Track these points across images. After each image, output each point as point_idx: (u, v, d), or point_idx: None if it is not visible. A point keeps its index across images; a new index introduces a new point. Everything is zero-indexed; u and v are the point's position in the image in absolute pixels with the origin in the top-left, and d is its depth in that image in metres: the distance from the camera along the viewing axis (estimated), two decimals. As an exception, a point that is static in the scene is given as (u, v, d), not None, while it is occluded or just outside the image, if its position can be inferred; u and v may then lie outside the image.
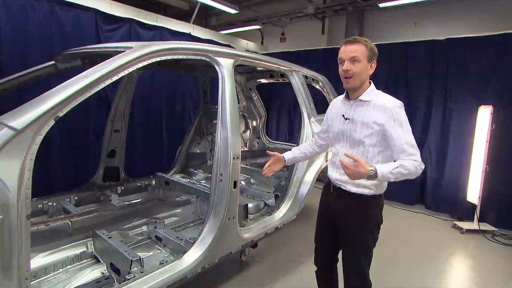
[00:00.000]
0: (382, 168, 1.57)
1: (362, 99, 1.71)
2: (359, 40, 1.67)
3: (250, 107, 4.76)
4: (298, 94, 3.23)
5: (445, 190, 4.57)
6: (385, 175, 1.56)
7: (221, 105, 2.23)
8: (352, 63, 1.66)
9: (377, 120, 1.65)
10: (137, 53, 1.79)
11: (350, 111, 1.76)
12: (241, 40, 7.51)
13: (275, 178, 3.82)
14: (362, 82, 1.70)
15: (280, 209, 2.98)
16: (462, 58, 4.37)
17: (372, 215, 1.76)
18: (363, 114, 1.70)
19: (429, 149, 4.72)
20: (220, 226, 2.19)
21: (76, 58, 2.67)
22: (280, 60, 3.27)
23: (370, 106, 1.69)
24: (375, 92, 1.74)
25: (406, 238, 3.78)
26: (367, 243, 1.79)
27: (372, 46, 1.67)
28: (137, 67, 1.79)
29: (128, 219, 2.81)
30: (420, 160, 1.60)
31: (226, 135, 2.19)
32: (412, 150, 1.61)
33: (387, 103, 1.66)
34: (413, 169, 1.58)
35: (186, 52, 2.11)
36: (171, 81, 4.80)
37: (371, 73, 1.70)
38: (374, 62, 1.69)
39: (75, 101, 1.52)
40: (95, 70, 1.61)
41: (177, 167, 4.04)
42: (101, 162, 3.31)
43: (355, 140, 1.73)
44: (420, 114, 4.79)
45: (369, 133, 1.67)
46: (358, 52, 1.65)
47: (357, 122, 1.71)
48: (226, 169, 2.17)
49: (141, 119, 4.45)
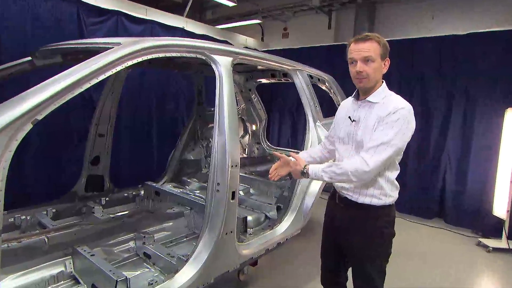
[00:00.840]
0: (315, 166, 1.73)
1: (370, 100, 1.74)
2: (371, 37, 1.67)
3: (249, 110, 4.78)
4: (303, 96, 3.25)
5: (467, 203, 4.54)
6: (317, 173, 1.70)
7: (218, 108, 2.25)
8: (365, 63, 1.67)
9: (376, 122, 1.67)
10: (127, 50, 1.80)
11: (357, 112, 1.79)
12: (240, 35, 7.57)
13: (277, 188, 3.82)
14: (376, 82, 1.73)
15: (283, 223, 2.97)
16: (486, 55, 4.39)
17: (382, 227, 1.76)
18: (367, 116, 1.73)
19: (448, 155, 4.72)
20: (216, 241, 2.18)
21: (56, 54, 2.67)
22: (283, 59, 3.29)
23: (375, 109, 1.71)
24: (386, 93, 1.75)
25: (423, 257, 3.75)
26: (379, 260, 1.79)
27: (384, 43, 1.69)
28: (126, 66, 1.80)
29: (113, 234, 2.79)
30: (367, 161, 1.59)
31: (223, 140, 2.19)
32: (371, 149, 1.62)
33: (394, 104, 1.66)
34: (350, 169, 1.62)
35: (180, 49, 2.13)
36: (163, 80, 4.82)
37: (384, 71, 1.72)
38: (388, 59, 1.71)
39: (56, 103, 1.51)
40: (80, 68, 1.61)
41: (169, 175, 4.04)
42: (84, 169, 3.30)
43: (358, 143, 1.75)
44: (438, 116, 4.79)
45: (366, 136, 1.70)
46: (372, 51, 1.66)
47: (361, 123, 1.74)
48: (223, 178, 2.17)
49: (129, 122, 4.46)
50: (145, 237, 2.74)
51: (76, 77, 1.58)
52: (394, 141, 1.61)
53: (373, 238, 1.76)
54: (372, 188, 1.73)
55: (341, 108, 1.98)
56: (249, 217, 3.03)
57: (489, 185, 4.31)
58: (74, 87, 1.57)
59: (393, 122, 1.61)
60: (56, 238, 2.49)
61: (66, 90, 1.53)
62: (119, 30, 4.26)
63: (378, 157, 1.61)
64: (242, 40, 7.53)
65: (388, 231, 1.78)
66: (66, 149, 3.87)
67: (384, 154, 1.61)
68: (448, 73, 4.70)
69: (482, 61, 4.42)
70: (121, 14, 4.29)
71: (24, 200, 3.21)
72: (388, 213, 1.78)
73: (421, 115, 4.76)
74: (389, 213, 1.79)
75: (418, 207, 4.90)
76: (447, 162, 4.72)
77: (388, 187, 1.74)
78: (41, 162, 3.71)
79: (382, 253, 1.80)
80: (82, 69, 1.61)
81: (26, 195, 3.50)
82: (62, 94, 1.53)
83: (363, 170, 1.61)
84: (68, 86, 1.54)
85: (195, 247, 2.19)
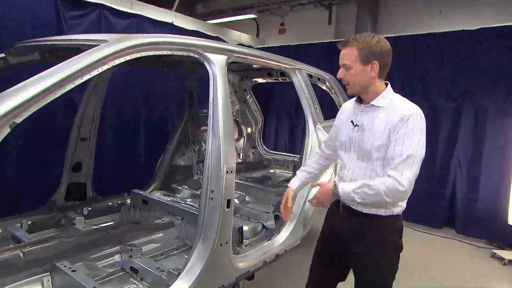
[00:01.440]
0: (345, 186, 1.72)
1: (374, 104, 1.76)
2: (349, 42, 1.72)
3: (245, 112, 4.80)
4: (302, 97, 3.27)
5: (480, 211, 4.55)
6: (347, 194, 1.69)
7: (212, 110, 2.25)
8: (345, 70, 1.76)
9: (387, 129, 1.69)
10: (114, 48, 1.80)
11: (360, 117, 1.81)
12: (233, 31, 7.60)
13: (274, 195, 3.83)
14: (364, 87, 1.76)
15: (281, 233, 2.97)
16: (499, 50, 4.42)
17: (389, 240, 1.78)
18: (373, 121, 1.74)
19: (458, 159, 4.75)
20: (210, 253, 2.18)
21: (34, 51, 2.67)
22: (281, 57, 3.32)
23: (382, 113, 1.73)
24: (392, 96, 1.77)
25: (433, 270, 3.76)
26: (385, 275, 1.80)
27: (367, 45, 1.69)
28: (113, 65, 1.80)
29: (96, 247, 2.76)
30: (400, 181, 1.60)
31: (218, 144, 2.20)
32: (398, 165, 1.62)
33: (405, 110, 1.68)
34: (383, 189, 1.61)
35: (171, 47, 2.14)
36: (151, 79, 4.81)
37: (373, 75, 1.73)
38: (375, 62, 1.71)
39: (37, 105, 1.50)
40: (63, 67, 1.61)
41: (157, 182, 4.04)
42: (64, 177, 3.29)
43: (363, 151, 1.77)
44: (446, 118, 4.83)
45: (378, 145, 1.71)
46: (347, 58, 1.73)
47: (366, 129, 1.76)
48: (218, 185, 2.18)
49: (114, 124, 4.45)
50: (131, 249, 2.71)
51: (59, 76, 1.57)
52: (419, 151, 1.64)
53: (377, 249, 1.77)
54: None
55: (342, 111, 2.01)
56: (245, 227, 3.03)
57: (504, 191, 4.31)
58: (57, 87, 1.57)
59: (411, 131, 1.63)
60: (32, 253, 2.47)
61: (48, 91, 1.53)
62: (102, 25, 4.24)
63: (409, 172, 1.61)
64: (236, 36, 7.57)
65: (395, 242, 1.80)
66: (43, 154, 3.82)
67: (414, 167, 1.62)
68: (457, 71, 4.74)
69: (495, 57, 4.45)
70: (104, 7, 4.28)
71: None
72: (394, 223, 1.79)
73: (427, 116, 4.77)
74: (396, 223, 1.80)
75: (426, 215, 4.92)
76: (457, 167, 4.76)
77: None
78: (13, 169, 3.65)
79: (388, 267, 1.80)
80: (66, 68, 1.60)
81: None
82: (44, 95, 1.52)
83: (397, 189, 1.60)
84: (50, 87, 1.54)
85: (187, 260, 2.18)
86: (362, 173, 1.78)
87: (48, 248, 2.56)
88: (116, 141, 4.52)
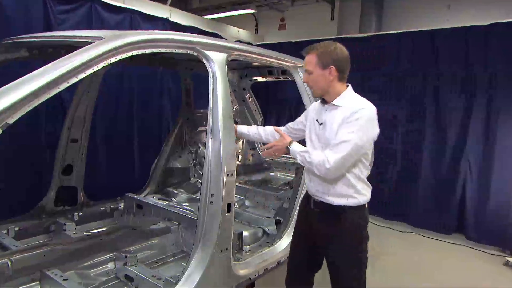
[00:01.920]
0: (296, 146, 2.13)
1: (334, 104, 2.06)
2: (310, 50, 2.06)
3: (244, 112, 4.81)
4: (305, 97, 3.30)
5: (492, 216, 4.54)
6: (294, 152, 2.12)
7: (212, 109, 2.28)
8: (308, 74, 2.09)
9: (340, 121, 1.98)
10: (110, 45, 1.83)
11: (323, 115, 2.13)
12: (231, 27, 7.64)
13: (275, 199, 3.85)
14: (324, 90, 2.08)
15: (283, 239, 3.00)
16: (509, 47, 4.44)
17: (360, 229, 2.09)
18: (332, 118, 2.05)
19: (468, 161, 4.75)
20: (210, 260, 2.21)
21: (21, 48, 2.67)
22: (283, 55, 3.35)
23: (340, 111, 2.02)
24: (350, 96, 2.07)
25: (441, 278, 3.73)
26: (358, 267, 2.10)
27: (325, 51, 2.01)
28: (109, 63, 1.83)
29: (89, 254, 2.75)
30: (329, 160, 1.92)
31: (218, 146, 2.23)
32: (333, 147, 1.94)
33: (356, 105, 1.97)
34: (316, 162, 1.97)
35: (169, 44, 2.16)
36: (146, 78, 4.83)
37: (331, 78, 2.03)
38: (332, 67, 2.01)
39: (30, 105, 1.52)
40: (58, 66, 1.63)
41: (152, 186, 4.05)
42: (54, 180, 3.29)
43: (324, 145, 2.07)
44: (455, 116, 4.84)
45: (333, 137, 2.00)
46: (307, 64, 2.07)
47: (327, 125, 2.07)
48: (218, 188, 2.21)
49: (106, 125, 4.46)
50: (126, 256, 2.72)
51: (53, 75, 1.59)
52: (354, 139, 1.91)
53: (353, 239, 2.07)
54: (345, 187, 2.04)
55: (311, 110, 2.33)
56: (245, 232, 3.06)
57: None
58: (51, 86, 1.59)
59: (354, 121, 1.92)
60: (21, 261, 2.46)
61: (42, 90, 1.55)
62: (93, 19, 4.25)
63: (338, 155, 1.92)
64: (233, 32, 7.61)
65: (364, 234, 2.10)
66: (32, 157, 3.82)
67: (343, 151, 1.92)
68: (466, 69, 4.77)
69: (507, 56, 4.47)
70: (95, 1, 4.28)
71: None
72: (363, 214, 2.10)
73: (435, 115, 4.84)
74: (364, 214, 2.11)
75: (434, 220, 4.94)
76: (467, 169, 4.76)
77: (360, 185, 2.06)
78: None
79: (361, 258, 2.10)
80: (60, 67, 1.63)
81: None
82: (38, 94, 1.54)
83: (325, 166, 1.94)
84: (44, 86, 1.56)
85: (185, 267, 2.21)
86: None
87: (38, 255, 2.55)
88: (109, 143, 4.52)
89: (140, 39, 1.99)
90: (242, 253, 2.84)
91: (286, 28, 8.59)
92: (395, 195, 5.18)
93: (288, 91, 6.20)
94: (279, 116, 6.60)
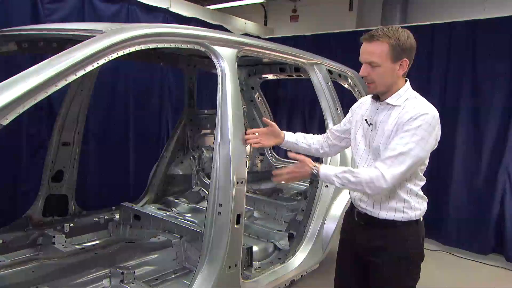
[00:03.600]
0: (328, 169, 1.92)
1: (389, 103, 1.89)
2: (377, 37, 1.79)
3: (252, 112, 4.84)
4: (322, 97, 3.32)
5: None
6: (328, 176, 1.89)
7: (220, 111, 2.31)
8: (370, 67, 1.83)
9: (395, 127, 1.82)
10: (112, 40, 1.86)
11: (374, 115, 1.96)
12: (237, 19, 7.67)
13: (287, 210, 3.87)
14: (388, 87, 1.88)
15: (297, 255, 3.01)
16: None
17: (409, 247, 1.92)
18: (385, 120, 1.88)
19: (508, 172, 4.65)
20: (217, 278, 2.22)
21: (9, 42, 2.70)
22: (298, 50, 3.38)
23: (395, 112, 1.86)
24: (409, 95, 1.88)
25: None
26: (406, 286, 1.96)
27: (399, 42, 1.77)
28: (110, 59, 1.86)
29: (82, 271, 2.76)
30: (385, 176, 1.74)
31: (227, 151, 2.25)
32: (388, 159, 1.76)
33: (416, 109, 1.79)
34: (366, 179, 1.77)
35: (175, 39, 2.19)
36: (145, 76, 4.86)
37: (401, 73, 1.85)
38: (405, 60, 1.82)
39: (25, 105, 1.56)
40: (55, 62, 1.66)
41: (151, 194, 4.08)
42: (42, 188, 3.33)
43: (373, 150, 1.92)
44: (493, 119, 4.71)
45: (385, 143, 1.85)
46: (376, 55, 1.80)
47: (378, 129, 1.91)
48: (226, 197, 2.23)
49: (101, 127, 4.48)
50: (123, 273, 2.75)
51: (51, 72, 1.63)
52: (415, 151, 1.75)
53: (397, 260, 1.91)
54: (394, 201, 1.88)
55: (360, 105, 2.15)
56: (254, 247, 3.07)
57: None
58: (49, 85, 1.62)
59: (414, 129, 1.75)
60: (6, 278, 2.49)
61: (39, 89, 1.58)
62: (85, 10, 4.24)
63: (396, 170, 1.75)
64: (240, 24, 7.63)
65: (417, 251, 1.96)
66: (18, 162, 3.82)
67: (403, 166, 1.75)
68: (505, 65, 4.66)
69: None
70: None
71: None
72: (416, 230, 1.93)
73: (469, 116, 4.78)
74: (416, 230, 1.94)
75: (469, 239, 4.83)
76: (506, 181, 4.66)
77: (413, 200, 1.90)
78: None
79: (409, 280, 1.95)
80: (58, 63, 1.66)
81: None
82: (34, 93, 1.58)
83: (380, 183, 1.75)
84: (41, 84, 1.59)
85: (190, 285, 2.22)
86: None
87: (26, 271, 2.58)
88: (104, 146, 4.54)
89: (144, 33, 2.02)
90: (251, 270, 2.85)
91: (298, 20, 8.59)
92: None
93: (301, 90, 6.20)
94: (291, 118, 6.60)
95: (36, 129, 3.85)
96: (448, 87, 4.96)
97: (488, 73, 4.80)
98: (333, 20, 7.68)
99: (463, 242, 4.87)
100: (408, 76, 1.97)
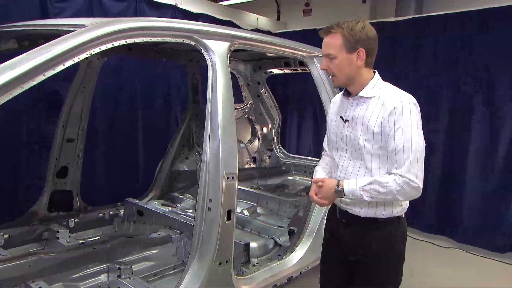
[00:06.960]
0: (351, 183, 1.80)
1: (362, 96, 1.88)
2: (332, 29, 1.83)
3: (259, 108, 4.80)
4: (322, 89, 3.26)
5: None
6: (355, 192, 1.78)
7: (210, 105, 2.28)
8: (329, 60, 1.87)
9: (378, 121, 1.81)
10: (92, 34, 1.85)
11: (349, 111, 1.94)
12: (249, 14, 7.62)
13: (291, 206, 3.81)
14: (350, 78, 1.88)
15: (296, 251, 2.98)
16: None
17: (393, 244, 1.92)
18: (363, 113, 1.87)
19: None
20: (207, 274, 2.20)
21: (9, 39, 2.73)
22: (297, 43, 3.32)
23: (373, 104, 1.85)
24: (381, 85, 1.89)
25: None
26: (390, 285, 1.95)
27: (352, 32, 1.79)
28: (92, 53, 1.84)
29: (79, 265, 2.77)
30: (412, 179, 1.71)
31: (217, 146, 2.23)
32: (406, 160, 1.73)
33: (396, 100, 1.79)
34: (395, 187, 1.72)
35: (161, 33, 2.17)
36: (149, 72, 4.86)
37: (360, 63, 1.84)
38: (361, 50, 1.81)
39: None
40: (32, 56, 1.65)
41: (156, 191, 4.09)
42: (47, 184, 3.35)
43: (355, 148, 1.90)
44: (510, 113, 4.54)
45: (371, 139, 1.83)
46: (331, 47, 1.84)
47: (357, 124, 1.88)
48: (216, 193, 2.20)
49: (106, 123, 4.51)
50: (120, 268, 2.75)
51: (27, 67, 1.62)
52: (420, 142, 1.76)
53: (378, 258, 1.90)
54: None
55: (332, 105, 2.15)
56: (253, 243, 3.04)
57: None
58: (25, 80, 1.61)
59: (407, 120, 1.75)
60: (5, 272, 2.50)
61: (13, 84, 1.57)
62: (94, 8, 4.29)
63: (417, 168, 1.73)
64: (252, 20, 7.57)
65: (397, 250, 1.94)
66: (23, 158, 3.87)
67: (419, 162, 1.75)
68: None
69: None
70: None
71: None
72: (396, 228, 1.92)
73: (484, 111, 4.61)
74: (398, 227, 1.93)
75: (485, 236, 4.70)
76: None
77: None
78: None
79: (391, 278, 1.95)
80: (34, 57, 1.65)
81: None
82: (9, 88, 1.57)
83: (412, 187, 1.72)
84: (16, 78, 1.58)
85: (179, 282, 2.21)
86: (356, 172, 1.91)
87: (23, 265, 2.58)
88: (108, 142, 4.57)
89: (126, 27, 2.00)
90: (248, 267, 2.82)
91: (311, 14, 8.50)
92: (436, 203, 5.03)
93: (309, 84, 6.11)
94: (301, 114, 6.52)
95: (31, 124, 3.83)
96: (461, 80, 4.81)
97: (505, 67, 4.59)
98: (346, 13, 7.50)
99: (479, 240, 4.72)
100: (417, 69, 1.91)
